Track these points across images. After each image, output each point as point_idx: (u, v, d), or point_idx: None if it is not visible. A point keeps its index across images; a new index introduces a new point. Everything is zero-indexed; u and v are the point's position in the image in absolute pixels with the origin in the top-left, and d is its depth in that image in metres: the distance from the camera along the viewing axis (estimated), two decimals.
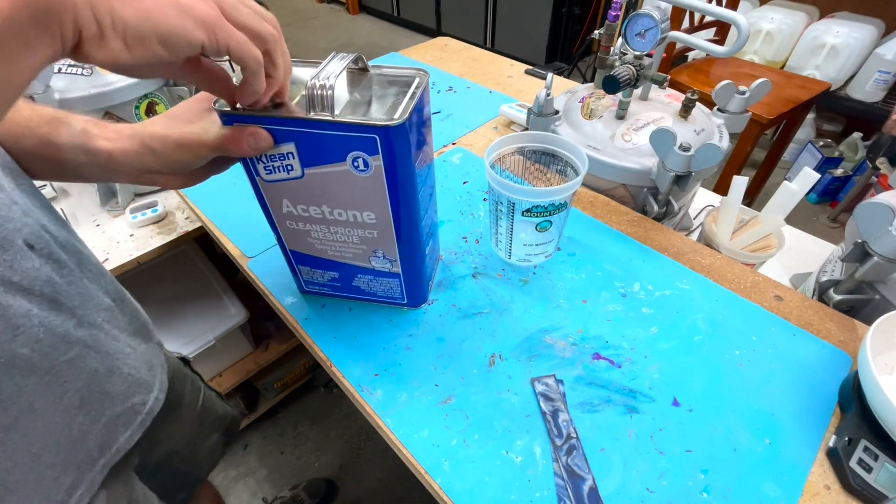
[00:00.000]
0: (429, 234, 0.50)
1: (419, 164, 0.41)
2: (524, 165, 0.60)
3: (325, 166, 0.39)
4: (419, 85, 0.39)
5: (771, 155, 1.78)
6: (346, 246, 0.47)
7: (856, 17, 1.93)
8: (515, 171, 0.60)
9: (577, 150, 0.54)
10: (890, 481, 0.39)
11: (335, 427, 1.31)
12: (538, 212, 0.51)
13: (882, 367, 0.47)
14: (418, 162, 0.41)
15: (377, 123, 0.35)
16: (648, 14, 0.59)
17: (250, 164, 0.41)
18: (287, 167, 0.40)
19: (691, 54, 2.04)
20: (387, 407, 0.46)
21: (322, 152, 0.38)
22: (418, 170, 0.41)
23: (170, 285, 1.19)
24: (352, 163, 0.38)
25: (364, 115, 0.37)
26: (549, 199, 0.50)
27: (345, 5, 3.96)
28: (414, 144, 0.39)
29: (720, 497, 0.39)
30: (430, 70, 1.06)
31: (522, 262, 0.59)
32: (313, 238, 0.47)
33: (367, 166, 0.38)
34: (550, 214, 0.52)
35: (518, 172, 0.60)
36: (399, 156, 0.37)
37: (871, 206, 0.49)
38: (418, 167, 0.41)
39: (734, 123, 0.69)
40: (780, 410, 0.45)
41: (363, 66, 0.41)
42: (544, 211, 0.51)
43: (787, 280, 0.71)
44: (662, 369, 0.48)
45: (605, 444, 0.43)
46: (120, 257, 0.90)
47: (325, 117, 0.35)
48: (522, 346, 0.51)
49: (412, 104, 0.37)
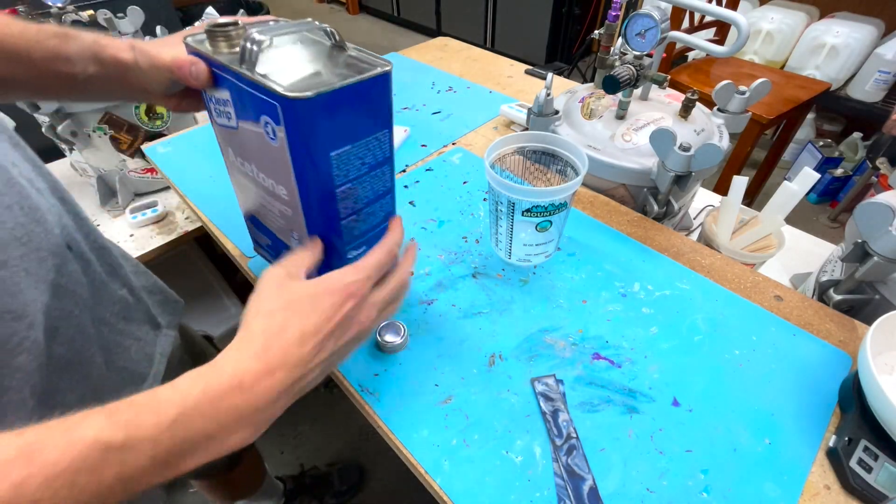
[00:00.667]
0: (362, 239, 0.43)
1: (349, 155, 0.37)
2: (524, 165, 0.60)
3: (249, 122, 0.37)
4: (373, 72, 0.35)
5: (771, 155, 1.78)
6: (272, 216, 0.44)
7: (856, 17, 1.93)
8: (515, 170, 0.60)
9: (577, 150, 0.54)
10: (890, 481, 0.39)
11: (335, 427, 1.31)
12: (538, 212, 0.51)
13: (882, 367, 0.47)
14: (345, 152, 0.36)
15: (279, 92, 0.31)
16: (648, 14, 0.59)
17: (207, 102, 0.42)
18: (227, 114, 0.39)
19: (691, 54, 2.04)
20: (387, 407, 0.46)
21: (246, 107, 0.36)
22: (340, 159, 0.36)
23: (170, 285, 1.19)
24: (264, 126, 0.35)
25: (293, 84, 0.33)
26: (549, 199, 0.50)
27: (345, 5, 3.96)
28: (335, 128, 0.35)
29: (720, 497, 0.39)
30: (430, 70, 1.07)
31: (522, 262, 0.59)
32: (252, 196, 0.45)
33: (274, 136, 0.35)
34: (550, 214, 0.52)
35: (518, 172, 0.60)
36: (305, 134, 0.34)
37: (871, 206, 0.49)
38: (343, 157, 0.36)
39: (734, 123, 0.69)
40: (780, 410, 0.45)
41: (338, 42, 0.38)
42: (544, 211, 0.51)
43: (787, 280, 0.71)
44: (662, 369, 0.48)
45: (605, 444, 0.43)
46: None
47: (242, 71, 0.34)
48: (522, 346, 0.51)
49: (345, 84, 0.33)
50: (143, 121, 0.93)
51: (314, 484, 1.13)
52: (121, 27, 0.94)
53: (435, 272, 0.59)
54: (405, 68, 1.08)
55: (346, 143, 0.36)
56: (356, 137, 0.37)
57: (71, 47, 0.42)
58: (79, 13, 0.85)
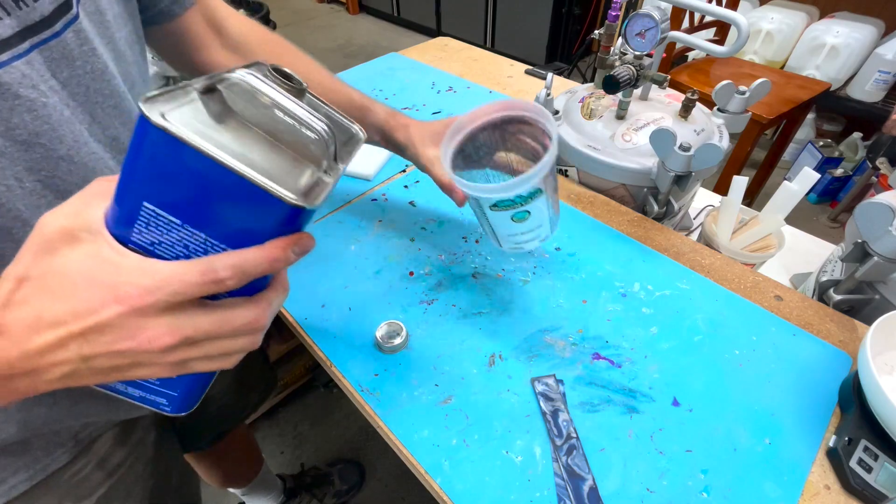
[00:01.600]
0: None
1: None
2: (503, 137, 0.51)
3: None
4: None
5: (771, 155, 1.78)
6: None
7: (856, 17, 1.93)
8: (496, 147, 0.51)
9: (542, 112, 0.45)
10: (890, 481, 0.39)
11: (335, 427, 1.31)
12: (506, 205, 0.44)
13: (882, 367, 0.47)
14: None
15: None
16: (648, 14, 0.59)
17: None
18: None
19: (691, 54, 2.04)
20: (387, 407, 0.46)
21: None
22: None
23: None
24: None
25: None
26: (510, 194, 0.43)
27: (345, 5, 3.96)
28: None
29: (720, 497, 0.39)
30: (430, 70, 1.07)
31: (516, 249, 0.53)
32: None
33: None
34: (522, 205, 0.45)
35: (498, 147, 0.52)
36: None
37: (871, 206, 0.49)
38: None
39: (734, 123, 0.69)
40: (780, 410, 0.45)
41: (294, 85, 0.29)
42: (512, 204, 0.44)
43: (787, 280, 0.71)
44: (662, 369, 0.48)
45: (605, 444, 0.43)
46: None
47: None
48: (522, 346, 0.51)
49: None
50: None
51: (315, 483, 1.13)
52: None
53: (435, 272, 0.59)
54: (405, 68, 1.08)
55: (174, 215, 0.27)
56: (193, 222, 0.27)
57: (368, 120, 0.56)
58: None
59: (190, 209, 0.26)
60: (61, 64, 0.32)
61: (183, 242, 0.26)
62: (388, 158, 0.78)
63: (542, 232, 0.50)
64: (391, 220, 0.66)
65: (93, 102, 0.35)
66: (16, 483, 0.39)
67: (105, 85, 0.35)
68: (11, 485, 0.39)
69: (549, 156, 0.42)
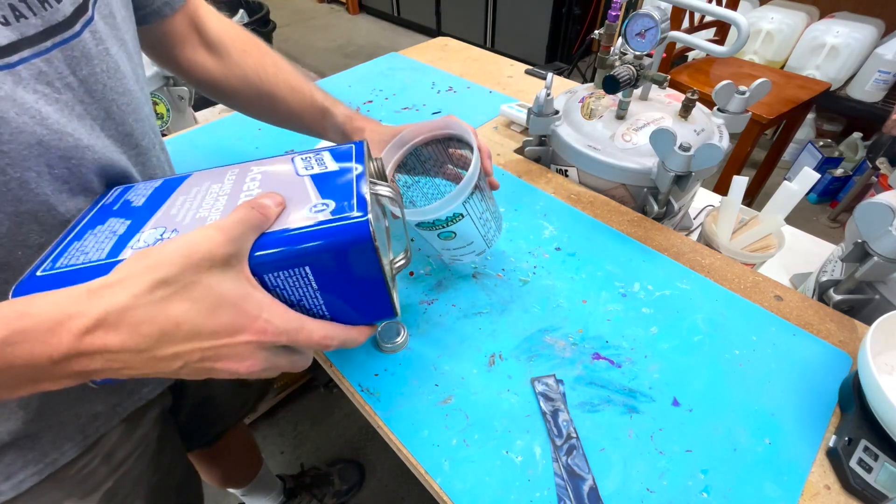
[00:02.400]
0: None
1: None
2: (447, 153, 0.54)
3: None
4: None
5: (771, 155, 1.78)
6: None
7: (856, 17, 1.93)
8: (438, 158, 0.54)
9: (461, 127, 0.47)
10: (890, 481, 0.39)
11: (335, 427, 1.31)
12: (426, 226, 0.46)
13: (882, 367, 0.47)
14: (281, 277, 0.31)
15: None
16: (648, 14, 0.59)
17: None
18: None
19: (691, 54, 2.04)
20: (387, 407, 0.46)
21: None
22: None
23: None
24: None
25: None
26: (428, 217, 0.44)
27: (345, 5, 3.96)
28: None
29: (720, 497, 0.39)
30: (430, 70, 1.07)
31: (455, 261, 0.55)
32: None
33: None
34: (445, 227, 0.46)
35: (444, 161, 0.55)
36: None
37: (871, 206, 0.49)
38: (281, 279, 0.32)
39: (734, 123, 0.69)
40: (780, 410, 0.45)
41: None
42: (431, 226, 0.46)
43: (787, 280, 0.71)
44: (662, 369, 0.48)
45: (605, 444, 0.43)
46: None
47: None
48: (522, 346, 0.51)
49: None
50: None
51: (314, 483, 1.13)
52: None
53: (435, 272, 0.59)
54: (405, 68, 1.08)
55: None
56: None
57: (328, 122, 0.57)
58: None
59: (331, 284, 0.31)
60: (81, 62, 0.33)
61: (302, 298, 0.31)
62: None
63: (475, 247, 0.53)
64: (391, 220, 0.66)
65: (109, 100, 0.36)
66: (25, 477, 0.40)
67: (119, 83, 0.37)
68: (21, 479, 0.40)
69: (463, 183, 0.45)
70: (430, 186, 0.58)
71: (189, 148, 0.83)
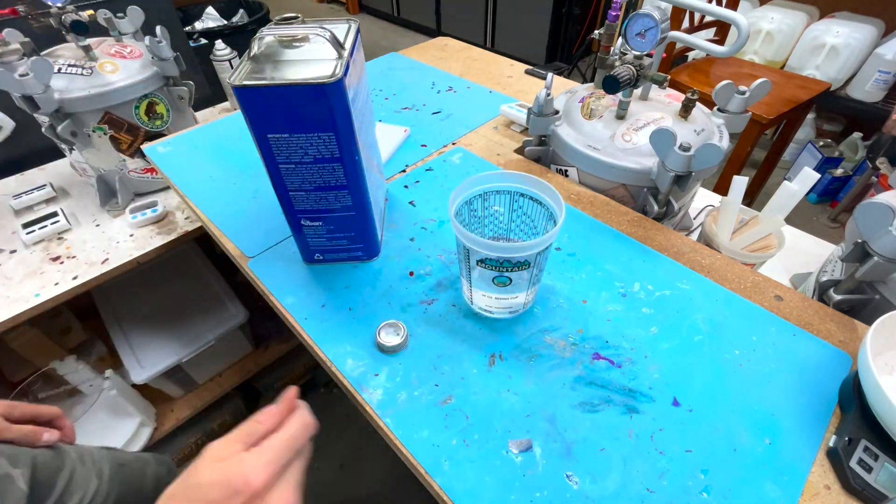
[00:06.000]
0: (314, 215, 0.53)
1: (286, 142, 0.46)
2: (512, 203, 0.53)
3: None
4: (307, 82, 0.42)
5: (771, 155, 1.78)
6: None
7: (856, 17, 1.94)
8: (503, 205, 0.53)
9: (555, 195, 0.47)
10: (890, 481, 0.39)
11: (335, 427, 1.31)
12: (491, 265, 0.45)
13: (882, 367, 0.47)
14: (283, 139, 0.46)
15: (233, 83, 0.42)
16: (648, 14, 0.59)
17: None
18: None
19: (691, 54, 2.04)
20: (387, 407, 0.46)
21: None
22: (278, 142, 0.46)
23: (170, 285, 1.19)
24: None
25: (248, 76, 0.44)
26: (500, 254, 0.44)
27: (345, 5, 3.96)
28: (269, 117, 0.44)
29: (720, 497, 0.39)
30: (430, 70, 1.07)
31: (484, 312, 0.53)
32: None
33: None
34: (508, 271, 0.46)
35: (506, 208, 0.54)
36: (246, 116, 0.44)
37: (871, 206, 0.49)
38: (281, 142, 0.46)
39: (734, 123, 0.69)
40: (780, 410, 0.45)
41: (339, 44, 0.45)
42: (498, 265, 0.45)
43: (787, 280, 0.71)
44: (662, 369, 0.48)
45: (605, 444, 0.43)
46: (120, 257, 0.90)
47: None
48: (522, 346, 0.51)
49: (274, 84, 0.42)
50: (142, 121, 0.93)
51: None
52: (121, 27, 0.94)
53: (435, 272, 0.59)
54: (405, 68, 1.08)
55: (282, 132, 0.44)
56: (293, 130, 0.44)
57: None
58: (79, 13, 0.85)
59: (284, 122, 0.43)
60: None
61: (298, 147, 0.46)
62: (400, 143, 0.81)
63: (515, 304, 0.52)
64: (391, 220, 0.66)
65: None
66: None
67: None
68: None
69: (550, 234, 0.44)
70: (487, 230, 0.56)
71: (189, 148, 0.83)
